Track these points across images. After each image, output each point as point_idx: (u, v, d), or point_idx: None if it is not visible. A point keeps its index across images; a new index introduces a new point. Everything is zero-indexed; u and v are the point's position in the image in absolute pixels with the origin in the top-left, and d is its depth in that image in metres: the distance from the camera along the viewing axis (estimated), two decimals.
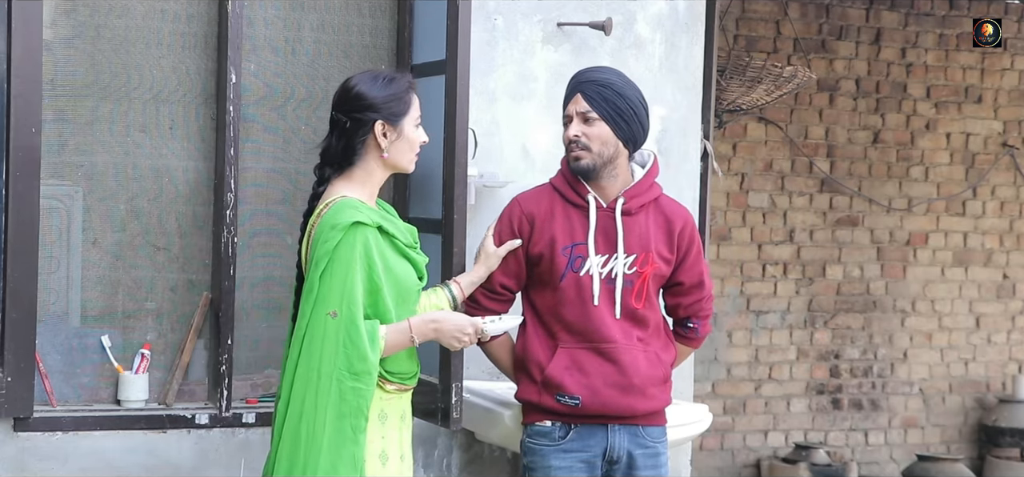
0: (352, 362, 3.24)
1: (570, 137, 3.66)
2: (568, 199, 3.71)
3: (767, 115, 7.22)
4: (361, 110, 3.36)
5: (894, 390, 7.76)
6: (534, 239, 3.71)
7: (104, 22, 3.97)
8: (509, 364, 3.79)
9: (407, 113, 3.40)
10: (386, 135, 3.38)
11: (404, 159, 3.43)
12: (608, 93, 3.66)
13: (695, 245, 3.79)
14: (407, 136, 3.41)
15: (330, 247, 3.25)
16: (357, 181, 3.39)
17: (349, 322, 3.24)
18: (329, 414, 3.24)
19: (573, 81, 3.72)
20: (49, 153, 3.88)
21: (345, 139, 3.38)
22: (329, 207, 3.32)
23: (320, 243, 3.27)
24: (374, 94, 3.37)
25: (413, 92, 3.43)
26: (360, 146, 3.38)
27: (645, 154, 3.81)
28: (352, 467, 3.25)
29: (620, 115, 3.65)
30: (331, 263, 3.25)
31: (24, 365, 3.73)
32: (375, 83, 3.39)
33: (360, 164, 3.40)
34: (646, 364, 3.69)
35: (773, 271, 7.44)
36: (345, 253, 3.25)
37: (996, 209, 7.95)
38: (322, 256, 3.26)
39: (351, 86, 3.41)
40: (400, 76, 3.45)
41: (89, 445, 3.89)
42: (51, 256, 3.92)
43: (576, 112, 3.67)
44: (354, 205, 3.31)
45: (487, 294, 3.73)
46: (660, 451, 3.76)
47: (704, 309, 3.85)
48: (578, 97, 3.67)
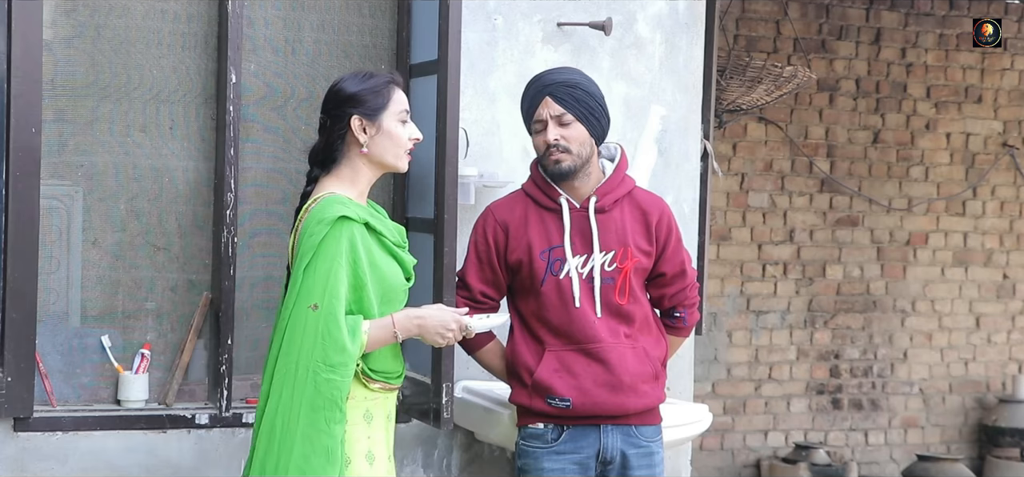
0: (329, 354, 3.22)
1: (550, 141, 3.65)
2: (541, 204, 3.72)
3: (767, 115, 7.22)
4: (338, 105, 3.37)
5: (894, 390, 7.76)
6: (511, 247, 3.71)
7: (104, 22, 3.97)
8: (501, 369, 3.80)
9: (386, 107, 3.38)
10: (365, 130, 3.37)
11: (388, 155, 3.41)
12: (578, 93, 3.66)
13: (673, 234, 3.78)
14: (387, 131, 3.38)
15: (315, 241, 3.25)
16: (345, 179, 3.39)
17: (329, 315, 3.23)
18: (303, 407, 3.22)
19: (536, 85, 3.70)
20: (49, 153, 3.88)
21: (326, 136, 3.39)
22: (317, 202, 3.32)
23: (306, 237, 3.27)
24: (351, 89, 3.37)
25: (395, 87, 3.41)
26: (340, 142, 3.38)
27: (611, 147, 3.81)
28: (325, 459, 3.22)
29: (592, 113, 3.66)
30: (315, 257, 3.25)
31: (24, 365, 3.73)
32: (354, 79, 3.40)
33: (345, 162, 3.39)
34: (634, 361, 3.69)
35: (773, 271, 7.44)
36: (330, 247, 3.25)
37: (996, 209, 7.95)
38: (307, 250, 3.26)
39: (333, 85, 3.43)
40: (382, 73, 3.45)
41: (89, 445, 3.89)
42: (51, 256, 3.92)
43: (549, 116, 3.65)
44: (341, 201, 3.30)
45: (469, 303, 3.73)
46: (654, 450, 3.75)
47: (689, 297, 3.85)
48: (548, 100, 3.66)
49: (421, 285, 3.76)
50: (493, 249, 3.72)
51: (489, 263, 3.73)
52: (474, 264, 3.76)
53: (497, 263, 3.72)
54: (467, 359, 3.94)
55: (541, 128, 3.68)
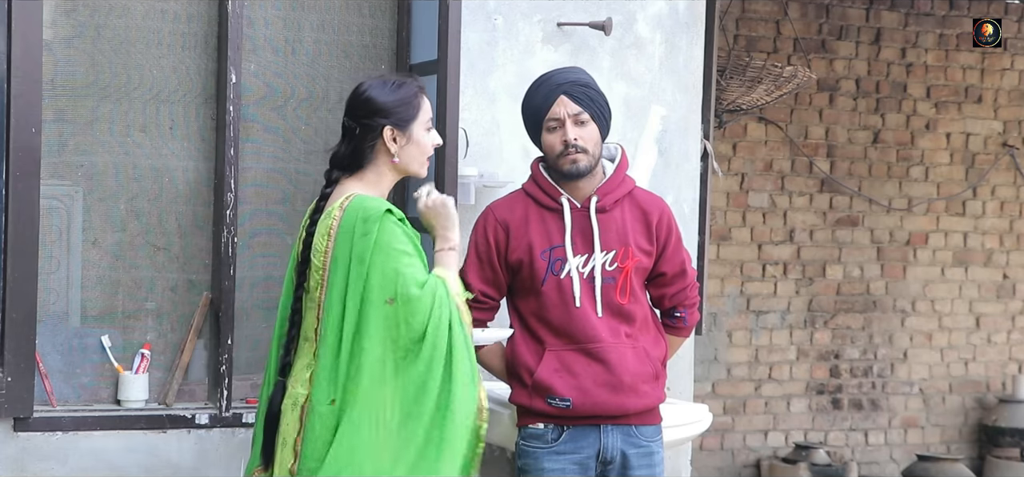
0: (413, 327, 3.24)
1: (570, 140, 3.64)
2: (541, 203, 3.71)
3: (767, 115, 7.22)
4: (370, 115, 3.37)
5: (894, 390, 7.76)
6: (512, 246, 3.70)
7: (104, 22, 3.97)
8: (502, 370, 3.80)
9: (416, 118, 3.40)
10: (395, 140, 3.38)
11: (414, 163, 3.44)
12: (592, 93, 3.66)
13: (674, 234, 3.78)
14: (416, 140, 3.41)
15: (371, 240, 3.25)
16: (368, 182, 3.39)
17: (404, 301, 3.24)
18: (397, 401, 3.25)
19: (549, 84, 3.68)
20: (49, 153, 3.88)
21: (355, 144, 3.38)
22: (349, 201, 3.32)
23: (357, 238, 3.26)
24: (383, 99, 3.38)
25: (422, 96, 3.43)
26: (370, 151, 3.39)
27: (612, 147, 3.80)
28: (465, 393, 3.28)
29: (602, 114, 3.66)
30: (375, 252, 3.25)
31: (24, 365, 3.73)
32: (384, 88, 3.39)
33: (371, 167, 3.40)
34: (635, 361, 3.69)
35: (773, 271, 7.44)
36: (386, 239, 3.26)
37: (996, 209, 7.95)
38: (364, 250, 3.25)
39: (361, 92, 3.41)
40: (410, 81, 3.45)
41: (89, 445, 3.89)
42: (51, 256, 3.92)
43: (567, 114, 3.64)
44: (373, 197, 3.32)
45: (469, 304, 3.73)
46: (654, 450, 3.75)
47: (689, 297, 3.84)
48: (564, 99, 3.63)
49: None
50: (494, 248, 3.72)
51: (489, 262, 3.72)
52: (474, 264, 3.75)
53: (497, 262, 3.72)
54: None
55: (557, 126, 3.65)
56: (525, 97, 3.73)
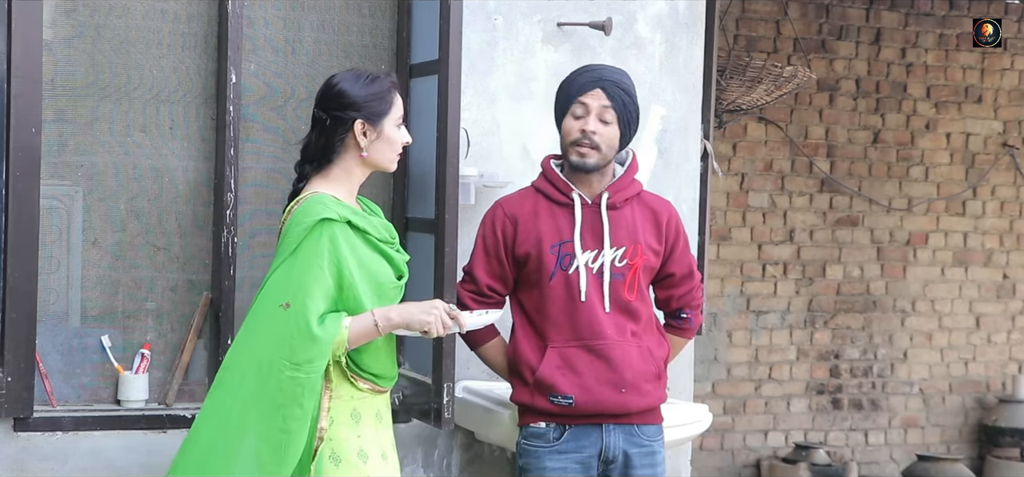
0: (296, 352, 3.21)
1: (588, 129, 3.64)
2: (552, 198, 3.71)
3: (767, 115, 7.22)
4: (342, 108, 3.37)
5: (894, 390, 7.76)
6: (519, 240, 3.70)
7: (104, 22, 3.97)
8: (503, 366, 3.79)
9: (388, 113, 3.40)
10: (366, 134, 3.38)
11: (384, 158, 3.43)
12: (626, 98, 3.67)
13: (682, 236, 3.80)
14: (387, 136, 3.40)
15: (293, 244, 3.27)
16: (335, 179, 3.39)
17: (299, 313, 3.23)
18: (263, 402, 3.22)
19: (592, 74, 3.68)
20: (49, 153, 3.88)
21: (325, 137, 3.38)
22: (300, 203, 3.33)
23: (286, 237, 3.30)
24: (355, 93, 3.37)
25: (395, 92, 3.43)
26: (339, 144, 3.38)
27: (623, 152, 3.81)
28: (276, 457, 3.20)
29: (630, 122, 3.68)
30: (293, 257, 3.26)
31: (24, 365, 3.73)
32: (357, 82, 3.39)
33: (339, 162, 3.39)
34: (639, 359, 3.69)
35: (773, 271, 7.44)
36: (308, 247, 3.26)
37: (996, 209, 7.95)
38: (284, 249, 3.28)
39: (333, 84, 3.41)
40: (383, 76, 3.44)
41: (89, 445, 3.89)
42: (51, 256, 3.92)
43: (596, 106, 3.64)
44: (323, 201, 3.31)
45: (475, 297, 3.73)
46: (656, 449, 3.75)
47: (696, 298, 3.85)
48: (599, 92, 3.64)
49: (422, 285, 3.76)
50: (501, 242, 3.72)
51: (496, 256, 3.72)
52: (481, 257, 3.75)
53: (504, 256, 3.72)
54: (468, 359, 3.94)
55: (583, 114, 3.65)
56: (565, 79, 3.74)
